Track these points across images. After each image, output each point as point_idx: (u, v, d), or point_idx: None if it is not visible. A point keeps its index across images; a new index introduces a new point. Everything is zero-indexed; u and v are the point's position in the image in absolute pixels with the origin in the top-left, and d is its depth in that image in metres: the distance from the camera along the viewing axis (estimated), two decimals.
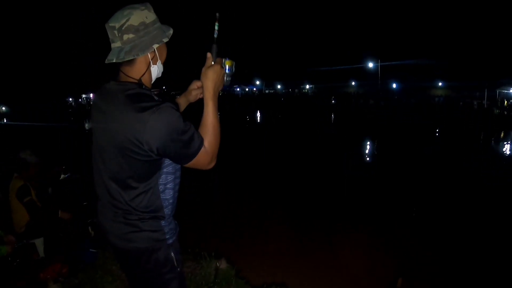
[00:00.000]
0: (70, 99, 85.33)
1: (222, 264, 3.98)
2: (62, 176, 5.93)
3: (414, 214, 7.10)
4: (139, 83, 1.61)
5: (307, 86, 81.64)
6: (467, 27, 75.36)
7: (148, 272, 1.70)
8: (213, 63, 1.71)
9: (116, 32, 1.55)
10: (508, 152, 17.06)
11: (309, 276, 4.88)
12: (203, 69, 1.70)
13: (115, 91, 1.58)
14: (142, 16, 1.57)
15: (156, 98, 1.55)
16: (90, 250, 4.48)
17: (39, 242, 4.38)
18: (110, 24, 1.55)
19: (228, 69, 1.78)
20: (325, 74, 73.92)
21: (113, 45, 1.58)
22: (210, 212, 7.59)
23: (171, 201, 1.71)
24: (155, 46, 1.60)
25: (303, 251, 5.72)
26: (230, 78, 1.80)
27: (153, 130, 1.46)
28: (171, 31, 1.67)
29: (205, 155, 1.59)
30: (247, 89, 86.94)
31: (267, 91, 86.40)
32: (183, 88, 2.09)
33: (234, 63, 1.80)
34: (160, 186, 1.65)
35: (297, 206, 8.00)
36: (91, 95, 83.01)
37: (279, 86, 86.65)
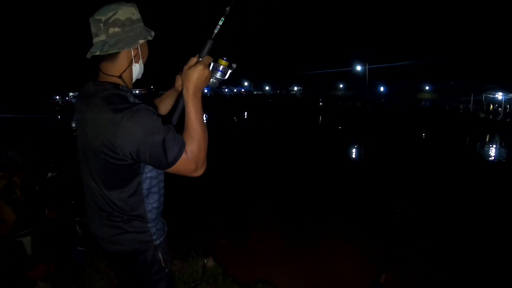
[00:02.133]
0: (57, 97, 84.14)
1: (210, 262, 4.04)
2: (50, 174, 5.90)
3: (397, 215, 7.22)
4: (116, 84, 1.56)
5: (295, 88, 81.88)
6: (454, 32, 76.40)
7: (136, 273, 1.70)
8: (200, 59, 1.59)
9: (102, 25, 1.51)
10: (492, 155, 17.35)
11: (295, 274, 4.95)
12: (185, 67, 1.59)
13: (92, 92, 1.53)
14: (129, 12, 1.55)
15: (131, 99, 1.50)
16: (78, 248, 4.49)
17: (26, 241, 4.38)
18: (95, 17, 1.52)
19: (220, 70, 1.63)
20: (313, 76, 74.19)
21: (96, 39, 1.54)
22: (198, 211, 7.61)
23: (155, 205, 1.66)
24: (141, 41, 1.58)
25: (289, 249, 5.78)
26: (218, 80, 1.65)
27: (126, 133, 1.39)
28: (153, 33, 1.65)
29: (187, 162, 1.46)
30: (235, 90, 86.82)
31: (255, 92, 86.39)
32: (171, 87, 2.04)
33: (233, 65, 1.65)
34: (144, 191, 1.60)
35: (284, 205, 8.07)
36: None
37: (267, 88, 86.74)
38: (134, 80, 1.69)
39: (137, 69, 1.66)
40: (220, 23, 1.62)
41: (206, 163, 1.53)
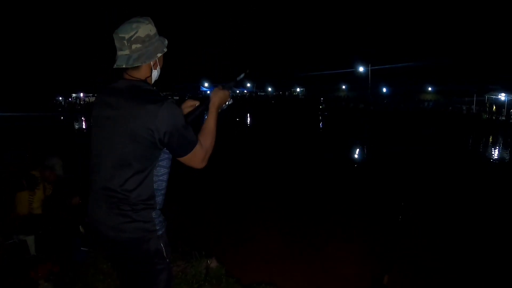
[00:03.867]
0: (60, 98, 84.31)
1: (213, 263, 4.03)
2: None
3: (400, 216, 7.22)
4: (145, 82, 1.86)
5: (298, 89, 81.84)
6: (457, 32, 76.24)
7: (139, 262, 1.82)
8: (225, 89, 2.12)
9: (125, 42, 1.79)
10: (495, 156, 17.31)
11: (298, 274, 4.94)
12: (216, 89, 2.10)
13: (126, 86, 1.82)
14: (147, 29, 1.83)
15: (161, 94, 1.82)
16: (81, 248, 4.50)
17: (30, 240, 4.38)
18: (120, 35, 1.79)
19: (229, 102, 2.18)
20: (316, 77, 74.12)
21: (120, 53, 1.81)
22: (201, 211, 7.62)
23: (162, 191, 1.87)
24: (158, 55, 1.89)
25: (292, 250, 5.78)
26: (225, 107, 2.17)
27: (162, 120, 1.69)
28: (166, 42, 1.94)
29: (200, 152, 1.83)
30: (237, 91, 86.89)
31: (258, 93, 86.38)
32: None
33: (231, 102, 2.20)
34: (154, 177, 1.81)
35: (287, 206, 8.07)
36: (81, 94, 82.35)
37: (269, 89, 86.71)
38: (152, 82, 1.96)
39: (155, 74, 1.96)
40: (242, 76, 2.26)
41: (208, 161, 1.90)
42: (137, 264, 1.84)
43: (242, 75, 2.26)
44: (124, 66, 1.80)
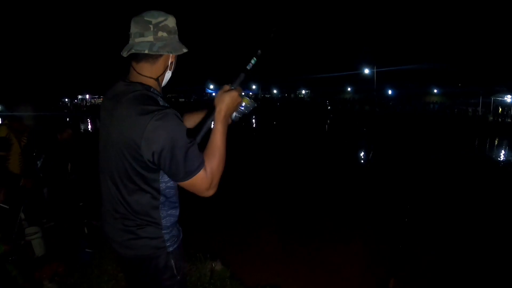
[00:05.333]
0: (66, 99, 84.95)
1: (217, 266, 4.04)
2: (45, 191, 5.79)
3: (406, 218, 7.18)
4: (147, 86, 1.58)
5: (303, 91, 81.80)
6: (463, 34, 75.93)
7: (147, 279, 1.69)
8: (233, 88, 1.70)
9: (152, 26, 1.55)
10: (502, 158, 17.20)
11: (303, 277, 4.92)
12: (219, 92, 1.69)
13: (122, 91, 1.57)
14: (174, 22, 1.63)
15: (161, 103, 1.53)
16: (86, 250, 4.51)
17: (35, 242, 4.40)
18: (145, 18, 1.55)
19: (242, 106, 1.75)
20: (321, 80, 74.04)
21: (141, 39, 1.55)
22: (205, 213, 7.61)
23: (171, 212, 1.67)
24: (184, 50, 1.66)
25: (297, 252, 5.76)
26: (240, 115, 1.77)
27: (151, 135, 1.41)
28: (185, 50, 1.69)
29: (204, 179, 1.50)
30: (243, 93, 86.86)
31: (263, 95, 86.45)
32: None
33: (252, 103, 1.79)
34: (161, 198, 1.61)
35: (291, 208, 8.05)
36: (87, 96, 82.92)
37: (275, 91, 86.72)
38: (162, 85, 1.71)
39: (168, 76, 1.71)
40: (253, 62, 1.75)
41: (217, 186, 1.57)
42: (145, 280, 1.71)
43: (253, 61, 1.76)
44: (146, 52, 1.53)
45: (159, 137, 1.40)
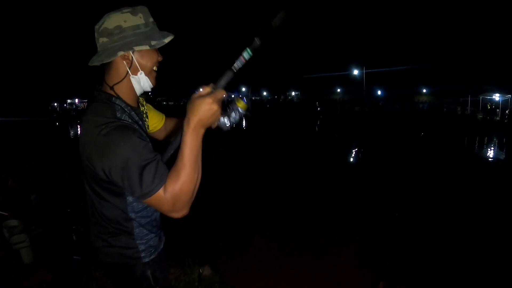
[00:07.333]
0: (55, 104, 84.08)
1: (206, 271, 4.02)
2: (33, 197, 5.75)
3: (397, 218, 7.21)
4: (109, 95, 1.45)
5: (293, 93, 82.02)
6: (451, 34, 76.66)
7: (127, 286, 1.66)
8: (213, 91, 1.34)
9: (96, 34, 1.42)
10: (491, 156, 17.37)
11: (293, 281, 4.87)
12: (193, 95, 1.32)
13: (91, 100, 1.47)
14: (120, 19, 1.39)
15: (118, 114, 1.38)
16: (74, 257, 4.47)
17: (23, 250, 4.36)
18: (95, 26, 1.43)
19: (234, 111, 1.43)
20: (311, 81, 74.39)
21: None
22: (194, 217, 7.58)
23: (146, 221, 1.58)
24: (120, 53, 1.38)
25: (287, 257, 5.73)
26: (230, 123, 1.41)
27: (99, 149, 1.30)
28: (164, 40, 1.43)
29: (163, 201, 1.29)
30: (232, 96, 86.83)
31: (253, 98, 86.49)
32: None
33: (248, 108, 1.46)
34: (131, 214, 1.51)
35: (282, 211, 8.03)
36: (76, 100, 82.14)
37: (265, 93, 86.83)
38: (139, 92, 1.54)
39: (138, 81, 1.47)
40: (246, 56, 1.37)
41: (188, 207, 1.34)
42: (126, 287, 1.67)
43: (246, 55, 1.34)
44: (89, 64, 1.41)
45: (108, 154, 1.27)
